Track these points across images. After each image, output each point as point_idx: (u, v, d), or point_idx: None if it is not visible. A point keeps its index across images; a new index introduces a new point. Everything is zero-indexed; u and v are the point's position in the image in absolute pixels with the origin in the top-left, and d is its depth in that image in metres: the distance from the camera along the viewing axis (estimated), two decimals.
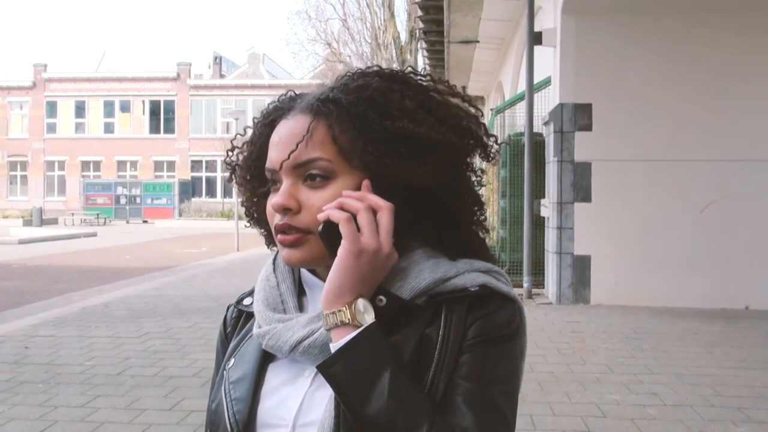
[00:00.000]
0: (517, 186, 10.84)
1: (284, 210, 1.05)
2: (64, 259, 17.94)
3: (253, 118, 1.19)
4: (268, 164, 1.08)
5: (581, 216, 9.44)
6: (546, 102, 10.62)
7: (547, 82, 10.58)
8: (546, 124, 10.07)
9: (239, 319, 1.24)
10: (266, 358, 1.11)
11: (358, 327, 0.98)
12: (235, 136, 1.25)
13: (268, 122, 1.14)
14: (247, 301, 1.22)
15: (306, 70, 40.82)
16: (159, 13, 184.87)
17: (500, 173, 11.60)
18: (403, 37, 33.06)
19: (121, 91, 49.23)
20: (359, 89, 1.06)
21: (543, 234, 10.21)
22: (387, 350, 0.98)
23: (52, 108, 50.89)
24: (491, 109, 15.69)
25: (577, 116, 9.44)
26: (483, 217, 1.18)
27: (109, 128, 50.75)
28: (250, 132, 1.19)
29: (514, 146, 11.00)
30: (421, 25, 16.82)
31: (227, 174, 1.25)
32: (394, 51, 32.80)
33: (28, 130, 51.04)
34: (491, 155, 1.16)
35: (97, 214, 40.55)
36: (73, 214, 40.91)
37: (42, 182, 50.50)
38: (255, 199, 1.19)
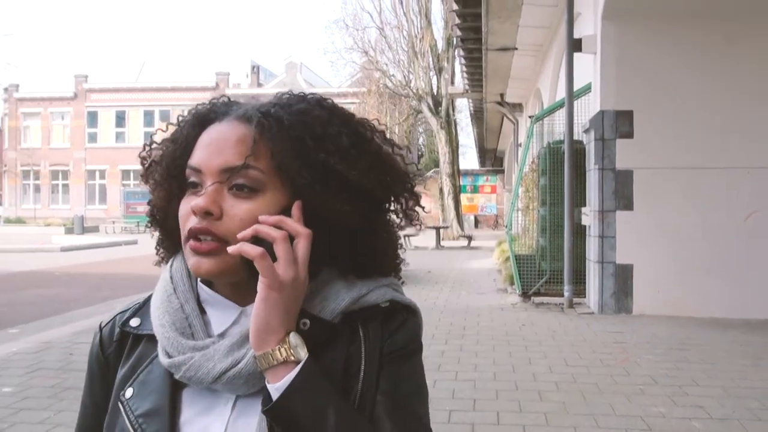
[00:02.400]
0: (556, 194, 10.74)
1: (205, 213, 0.99)
2: (106, 266, 18.16)
3: (178, 116, 1.13)
4: (195, 163, 1.02)
5: (623, 224, 9.34)
6: (586, 109, 10.52)
7: (586, 89, 10.49)
8: (586, 131, 9.98)
9: (123, 341, 1.14)
10: (176, 386, 1.05)
11: (295, 363, 0.97)
12: (156, 131, 1.20)
13: (198, 123, 1.08)
14: (134, 322, 1.13)
15: (343, 78, 41.01)
16: (198, 23, 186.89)
17: (539, 181, 11.51)
18: (440, 44, 32.94)
19: (161, 100, 49.82)
20: (301, 113, 1.05)
21: (584, 243, 10.11)
22: (325, 379, 0.98)
23: (92, 118, 51.64)
24: (530, 117, 15.58)
25: (618, 123, 9.35)
26: (396, 252, 1.19)
27: (149, 137, 51.24)
28: (172, 130, 1.13)
29: (554, 154, 10.92)
30: (459, 32, 16.81)
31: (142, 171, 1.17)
32: (431, 59, 32.71)
33: (70, 140, 51.83)
34: (405, 219, 1.17)
35: (138, 222, 40.90)
36: (113, 222, 41.46)
37: (83, 191, 51.24)
38: (166, 200, 1.10)
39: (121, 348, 1.14)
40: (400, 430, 1.02)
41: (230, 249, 0.97)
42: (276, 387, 0.96)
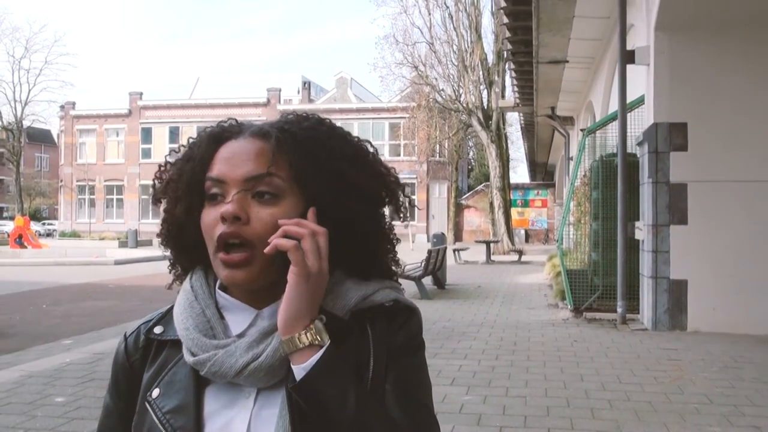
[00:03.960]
0: (609, 208, 10.61)
1: (234, 218, 1.08)
2: (159, 279, 18.24)
3: (189, 138, 1.25)
4: (217, 175, 1.12)
5: (677, 239, 9.17)
6: (639, 122, 10.39)
7: (639, 102, 10.34)
8: (640, 144, 9.84)
9: (148, 348, 1.24)
10: (200, 384, 1.14)
11: (319, 347, 1.05)
12: (170, 152, 1.29)
13: (213, 141, 1.17)
14: (157, 330, 1.23)
15: (393, 93, 40.93)
16: (250, 41, 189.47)
17: (592, 195, 11.37)
18: (491, 58, 32.88)
19: (214, 116, 50.26)
20: (311, 129, 1.17)
21: (637, 257, 9.94)
22: (345, 363, 1.07)
23: (147, 134, 52.48)
24: (581, 130, 15.45)
25: (672, 136, 9.20)
26: (394, 255, 1.28)
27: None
28: (185, 151, 1.22)
29: (606, 167, 10.79)
30: (509, 46, 16.74)
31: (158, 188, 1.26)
32: (481, 73, 32.66)
33: (124, 156, 52.77)
34: (402, 214, 1.28)
35: None
36: None
37: (137, 205, 52.05)
38: (185, 216, 1.19)
39: (146, 354, 1.23)
40: (409, 416, 1.11)
41: (267, 249, 1.05)
42: (302, 367, 1.04)
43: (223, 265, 1.10)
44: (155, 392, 1.16)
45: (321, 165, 1.13)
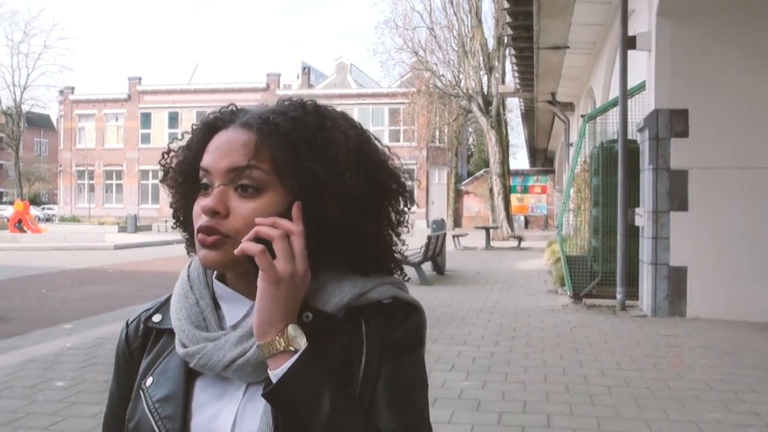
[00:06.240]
0: (609, 194, 10.59)
1: (213, 213, 1.08)
2: (158, 264, 18.40)
3: (192, 124, 1.23)
4: (205, 165, 1.12)
5: (677, 225, 9.16)
6: (640, 108, 10.35)
7: (640, 88, 10.30)
8: (641, 130, 9.82)
9: (147, 336, 1.25)
10: (191, 375, 1.15)
11: (294, 352, 1.04)
12: (173, 140, 1.28)
13: (207, 130, 1.17)
14: (156, 318, 1.24)
15: (393, 78, 40.81)
16: (249, 25, 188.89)
17: (592, 181, 11.35)
18: (491, 43, 32.77)
19: (213, 102, 49.97)
20: (295, 121, 1.12)
21: (637, 244, 9.94)
22: (322, 368, 1.05)
23: (146, 119, 52.36)
24: (582, 116, 15.40)
25: (673, 122, 9.17)
26: (399, 246, 1.24)
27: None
28: (187, 138, 1.22)
29: (607, 154, 10.77)
30: (510, 31, 16.67)
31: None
32: (481, 58, 32.54)
33: (124, 141, 52.66)
34: (402, 211, 1.23)
35: None
36: (166, 221, 41.88)
37: (136, 191, 52.00)
38: (184, 202, 1.21)
39: (145, 342, 1.25)
40: (397, 417, 1.08)
41: (236, 251, 1.04)
42: (275, 373, 1.04)
43: (200, 246, 1.10)
44: (149, 380, 1.17)
45: (299, 161, 1.10)
